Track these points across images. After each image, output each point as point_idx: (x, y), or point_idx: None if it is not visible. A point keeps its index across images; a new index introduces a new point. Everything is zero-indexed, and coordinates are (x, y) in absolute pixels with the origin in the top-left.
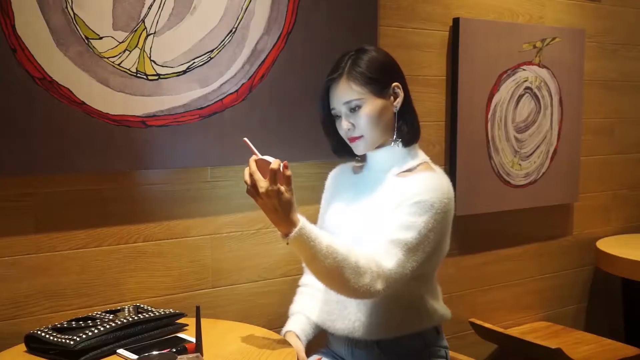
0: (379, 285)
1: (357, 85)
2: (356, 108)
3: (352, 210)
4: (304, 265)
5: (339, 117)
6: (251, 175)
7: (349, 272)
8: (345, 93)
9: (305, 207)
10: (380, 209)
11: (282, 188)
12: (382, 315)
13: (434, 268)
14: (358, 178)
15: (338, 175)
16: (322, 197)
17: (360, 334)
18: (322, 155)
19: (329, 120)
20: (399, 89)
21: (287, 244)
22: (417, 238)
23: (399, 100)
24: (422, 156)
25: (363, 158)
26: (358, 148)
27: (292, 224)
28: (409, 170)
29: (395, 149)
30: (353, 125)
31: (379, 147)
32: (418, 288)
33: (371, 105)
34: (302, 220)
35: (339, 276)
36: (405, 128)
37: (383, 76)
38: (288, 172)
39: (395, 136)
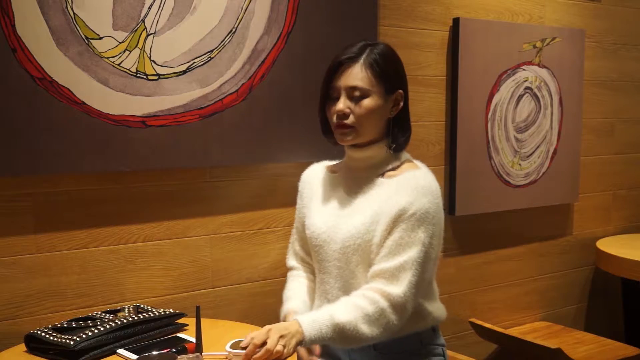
0: (395, 318)
1: (372, 75)
2: (360, 97)
3: (341, 216)
4: (289, 248)
5: (334, 98)
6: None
7: (366, 327)
8: (358, 77)
9: None
10: (372, 215)
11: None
12: None
13: (434, 271)
14: (338, 179)
15: (313, 176)
16: (298, 200)
17: None
18: (321, 155)
19: (326, 98)
20: (401, 98)
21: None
22: (423, 250)
23: (396, 109)
24: (404, 154)
25: (340, 155)
26: (345, 138)
27: (300, 336)
28: (393, 169)
29: (381, 151)
30: (350, 111)
31: (364, 145)
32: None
33: (375, 101)
34: (305, 333)
35: (360, 337)
36: (400, 135)
37: (394, 79)
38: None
39: (390, 141)
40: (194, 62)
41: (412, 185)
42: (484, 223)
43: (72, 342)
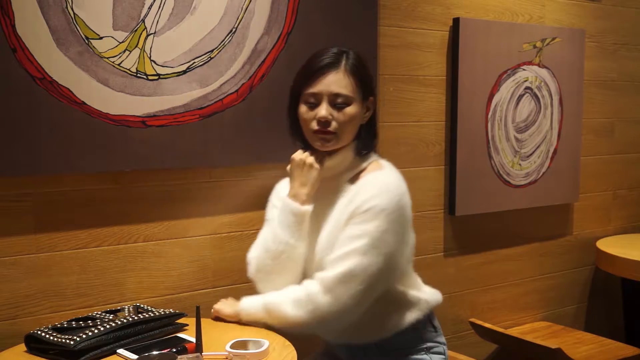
0: (326, 301)
1: (354, 83)
2: (343, 104)
3: (314, 229)
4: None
5: (311, 103)
6: None
7: (290, 308)
8: (342, 84)
9: None
10: (335, 225)
11: None
12: (370, 321)
13: (408, 262)
14: None
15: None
16: (268, 213)
17: (356, 341)
18: None
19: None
20: (372, 105)
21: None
22: (368, 243)
23: (369, 114)
24: (372, 156)
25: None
26: (327, 144)
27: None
28: (360, 172)
29: (349, 156)
30: (332, 118)
31: (334, 151)
32: (395, 286)
33: (356, 109)
34: (241, 304)
35: (285, 316)
36: (369, 141)
37: (369, 85)
38: None
39: (360, 147)
40: (194, 62)
41: (368, 186)
42: (484, 223)
43: (72, 342)
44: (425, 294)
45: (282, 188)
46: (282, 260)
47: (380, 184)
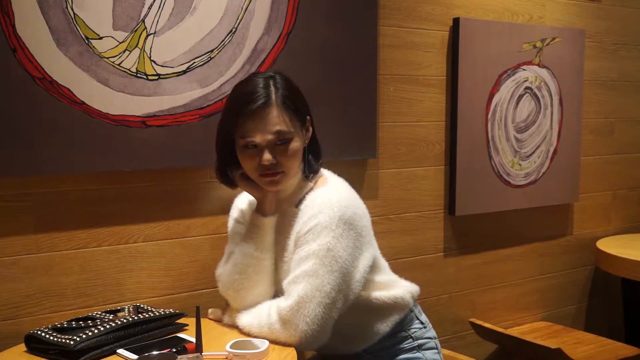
0: (286, 334)
1: (288, 117)
2: (284, 142)
3: (277, 259)
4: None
5: (251, 147)
6: None
7: (258, 335)
8: (280, 121)
9: None
10: (290, 248)
11: None
12: (350, 333)
13: (377, 270)
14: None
15: (246, 209)
16: (230, 227)
17: (342, 352)
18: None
19: (229, 145)
20: (310, 124)
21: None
22: (317, 262)
23: (309, 135)
24: (319, 173)
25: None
26: (276, 184)
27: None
28: (307, 193)
29: (294, 180)
30: (277, 160)
31: None
32: (369, 293)
33: (298, 142)
34: (223, 317)
35: (256, 327)
36: (314, 162)
37: (303, 109)
38: None
39: (307, 170)
40: (194, 62)
41: (309, 206)
42: (484, 223)
43: (72, 342)
44: (400, 291)
45: (241, 202)
46: (250, 274)
47: (319, 201)
